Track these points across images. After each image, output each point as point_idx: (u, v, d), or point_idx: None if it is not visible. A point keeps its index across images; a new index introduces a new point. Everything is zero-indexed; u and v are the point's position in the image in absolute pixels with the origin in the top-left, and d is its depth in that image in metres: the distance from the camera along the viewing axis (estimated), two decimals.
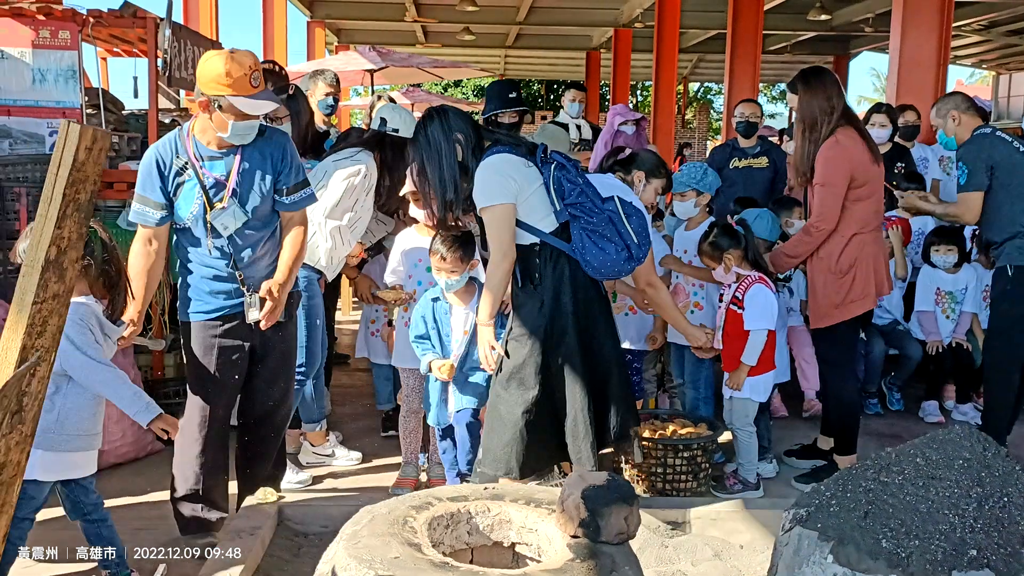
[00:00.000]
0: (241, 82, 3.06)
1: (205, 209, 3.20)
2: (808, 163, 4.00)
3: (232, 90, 3.05)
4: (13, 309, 1.33)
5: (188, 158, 3.20)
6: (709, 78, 30.70)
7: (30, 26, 4.77)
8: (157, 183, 3.18)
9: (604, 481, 2.17)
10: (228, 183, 3.22)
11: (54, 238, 1.30)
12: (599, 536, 2.12)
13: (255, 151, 3.27)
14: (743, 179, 6.31)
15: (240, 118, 3.11)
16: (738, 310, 4.10)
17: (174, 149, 3.21)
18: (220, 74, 3.05)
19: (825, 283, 4.02)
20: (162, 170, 3.19)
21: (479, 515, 2.37)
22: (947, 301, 5.33)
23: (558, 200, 3.12)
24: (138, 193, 3.20)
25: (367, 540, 2.12)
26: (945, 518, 2.04)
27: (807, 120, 4.00)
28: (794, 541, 2.23)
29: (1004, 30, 17.48)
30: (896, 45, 7.99)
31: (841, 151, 3.93)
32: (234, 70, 3.05)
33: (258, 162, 3.28)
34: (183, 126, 3.28)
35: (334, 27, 19.75)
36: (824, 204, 3.94)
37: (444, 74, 12.46)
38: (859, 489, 2.21)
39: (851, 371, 4.23)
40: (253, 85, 3.09)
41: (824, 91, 3.98)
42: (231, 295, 3.30)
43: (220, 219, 3.21)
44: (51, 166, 1.30)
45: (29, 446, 1.34)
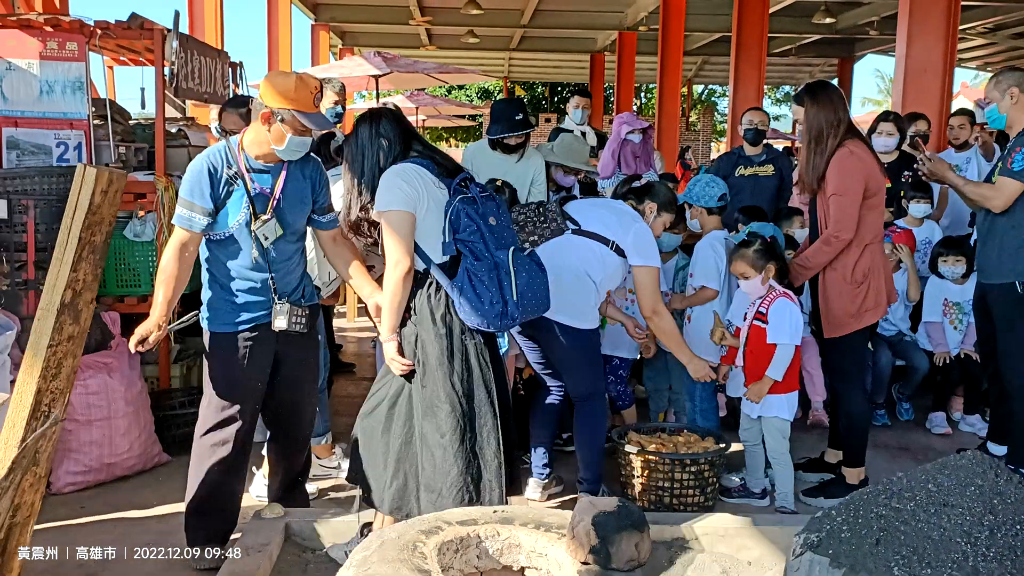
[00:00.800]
0: (305, 99, 3.25)
1: (250, 219, 3.33)
2: (815, 174, 4.00)
3: (296, 105, 3.23)
4: (28, 353, 1.33)
5: (239, 169, 3.34)
6: (713, 80, 30.69)
7: (38, 38, 4.77)
8: (207, 190, 3.29)
9: (615, 507, 2.17)
10: (273, 196, 3.38)
11: (70, 281, 1.30)
12: (610, 563, 2.12)
13: (296, 170, 3.45)
14: (749, 187, 6.28)
15: (298, 133, 3.27)
16: (762, 324, 4.08)
17: (225, 159, 3.35)
18: (289, 89, 3.24)
19: (840, 293, 4.01)
20: (213, 177, 3.31)
21: (488, 539, 2.37)
22: (955, 312, 5.31)
23: (449, 232, 3.07)
24: (185, 199, 3.29)
25: (377, 567, 2.12)
26: (958, 546, 2.03)
27: (813, 132, 4.00)
28: (805, 567, 2.23)
29: (1009, 33, 17.46)
30: (902, 49, 7.99)
31: (856, 161, 3.94)
32: (301, 87, 3.25)
33: (299, 181, 3.45)
34: (231, 140, 3.43)
35: (338, 30, 19.78)
36: (843, 214, 3.92)
37: (448, 79, 12.46)
38: (871, 515, 2.20)
39: (861, 382, 4.22)
40: (315, 104, 3.30)
41: (831, 104, 3.99)
42: (262, 306, 3.41)
43: (263, 229, 3.34)
44: (67, 209, 1.30)
45: (43, 488, 1.34)
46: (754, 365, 4.12)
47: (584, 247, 3.91)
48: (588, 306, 3.92)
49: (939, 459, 2.30)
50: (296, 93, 3.24)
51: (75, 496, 4.10)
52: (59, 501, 4.01)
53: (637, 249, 3.92)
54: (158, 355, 4.83)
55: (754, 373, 4.11)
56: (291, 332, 3.41)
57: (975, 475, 2.16)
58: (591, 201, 4.23)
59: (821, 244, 4.02)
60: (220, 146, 3.40)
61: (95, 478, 4.19)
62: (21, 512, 1.28)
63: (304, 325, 3.46)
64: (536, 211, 4.01)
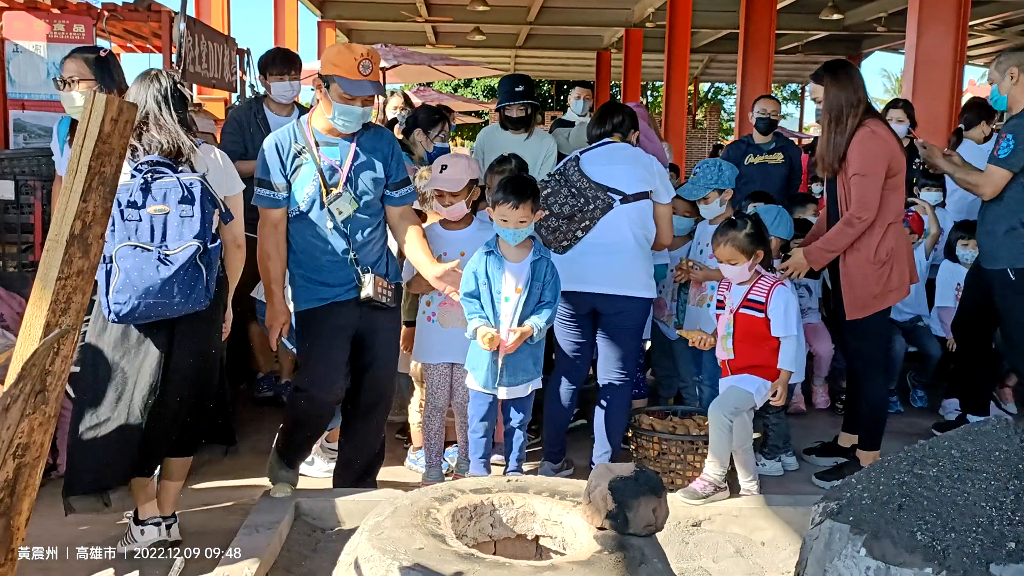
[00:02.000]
0: (347, 64, 3.22)
1: (321, 192, 3.35)
2: (835, 154, 3.94)
3: (340, 70, 3.22)
4: (37, 285, 1.30)
5: (306, 143, 3.36)
6: (720, 78, 30.61)
7: (45, 20, 4.77)
8: (277, 165, 3.35)
9: (632, 472, 2.13)
10: (343, 170, 3.38)
11: (79, 212, 1.26)
12: (627, 528, 2.08)
13: (367, 143, 3.44)
14: (759, 175, 6.25)
15: (343, 100, 3.26)
16: (755, 314, 3.88)
17: (292, 135, 3.38)
18: (333, 54, 3.28)
19: (865, 274, 3.95)
20: (280, 154, 3.36)
21: (503, 507, 2.33)
22: None
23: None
24: (260, 178, 3.35)
25: (390, 531, 2.08)
26: (983, 511, 1.99)
27: (833, 112, 3.94)
28: (825, 535, 2.19)
29: (1018, 29, 17.37)
30: (912, 43, 7.93)
31: (879, 141, 3.89)
32: (344, 52, 3.26)
33: (370, 154, 3.44)
34: (302, 117, 3.46)
35: (344, 27, 19.76)
36: (865, 194, 3.86)
37: (456, 72, 12.44)
38: (892, 482, 2.16)
39: (881, 366, 4.16)
40: (361, 72, 3.24)
41: (851, 83, 3.94)
42: (342, 280, 3.42)
43: (336, 203, 3.36)
44: (76, 137, 1.27)
45: (52, 427, 1.30)
46: (747, 354, 3.85)
47: (632, 213, 3.95)
48: (650, 271, 4.03)
49: (962, 426, 2.26)
50: (338, 57, 3.25)
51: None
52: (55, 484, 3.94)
53: (664, 188, 4.07)
54: None
55: (744, 362, 3.85)
56: (376, 303, 3.42)
57: (1000, 440, 2.12)
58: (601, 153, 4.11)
59: (843, 226, 3.94)
60: (288, 124, 3.45)
61: None
62: (30, 452, 1.25)
63: (391, 299, 3.48)
64: (572, 194, 3.96)
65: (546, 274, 3.62)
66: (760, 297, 3.84)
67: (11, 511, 1.23)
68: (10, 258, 4.41)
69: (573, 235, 3.94)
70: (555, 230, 3.95)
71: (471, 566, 1.93)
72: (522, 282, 3.56)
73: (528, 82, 5.25)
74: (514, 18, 17.87)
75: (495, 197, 3.57)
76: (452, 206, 3.87)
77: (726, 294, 3.95)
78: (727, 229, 3.87)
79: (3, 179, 4.32)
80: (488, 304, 3.58)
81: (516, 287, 3.56)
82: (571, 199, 3.94)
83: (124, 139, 1.28)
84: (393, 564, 1.96)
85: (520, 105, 5.10)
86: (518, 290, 3.56)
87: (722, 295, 3.96)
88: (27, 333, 1.27)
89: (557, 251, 3.94)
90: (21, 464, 1.23)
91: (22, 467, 1.24)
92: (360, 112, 3.33)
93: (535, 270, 3.58)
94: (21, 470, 1.23)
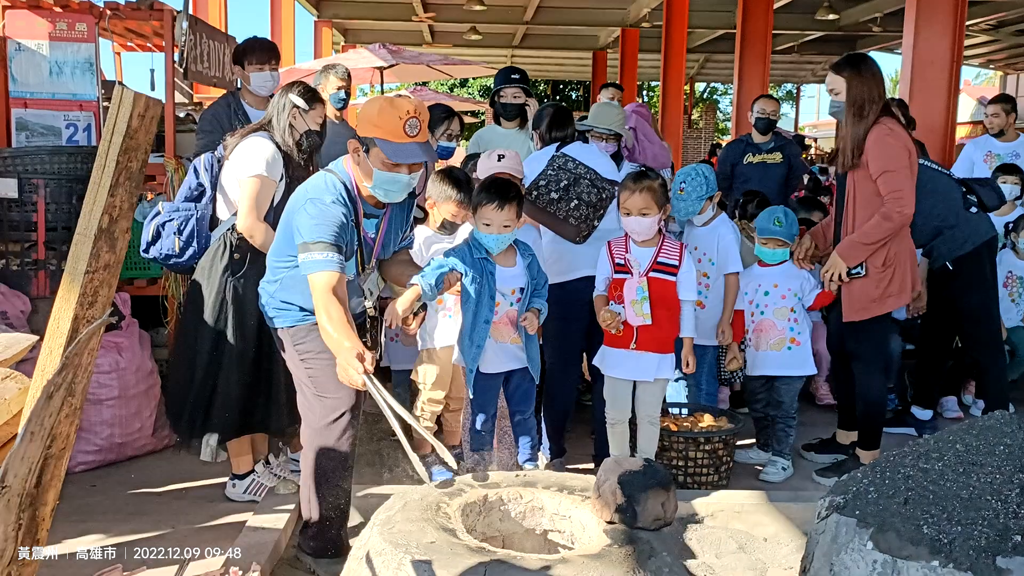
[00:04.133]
0: (392, 125, 2.79)
1: (358, 269, 3.04)
2: (857, 146, 3.90)
3: (382, 132, 2.80)
4: (65, 279, 1.32)
5: (357, 214, 2.97)
6: (716, 78, 30.68)
7: (47, 18, 4.76)
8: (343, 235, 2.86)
9: (641, 467, 2.15)
10: (376, 245, 3.09)
11: (107, 206, 1.28)
12: (636, 522, 2.10)
13: (396, 207, 3.12)
14: (757, 175, 6.28)
15: (387, 168, 2.85)
16: (667, 277, 3.70)
17: (349, 202, 2.92)
18: (374, 112, 2.84)
19: (864, 277, 3.95)
20: (347, 224, 2.89)
21: (511, 502, 2.35)
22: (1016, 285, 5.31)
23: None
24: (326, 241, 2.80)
25: (401, 525, 2.10)
26: (988, 504, 2.01)
27: (856, 104, 3.90)
28: (831, 528, 2.21)
29: (1013, 29, 17.44)
30: (909, 44, 7.96)
31: (899, 137, 3.88)
32: (387, 109, 2.81)
33: (398, 217, 3.17)
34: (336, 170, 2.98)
35: (341, 27, 19.77)
36: (900, 189, 3.82)
37: (453, 72, 12.45)
38: (898, 476, 2.18)
39: (880, 368, 4.17)
40: (408, 133, 2.81)
41: (873, 78, 3.93)
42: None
43: (367, 283, 3.12)
44: (104, 132, 1.28)
45: (78, 419, 1.32)
46: (663, 320, 3.68)
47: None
48: None
49: (966, 420, 2.28)
50: (380, 117, 2.79)
51: (87, 475, 4.09)
52: (70, 480, 3.97)
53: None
54: (167, 337, 4.81)
55: (660, 330, 3.69)
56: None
57: (1004, 435, 2.14)
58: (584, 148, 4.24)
59: (881, 220, 3.85)
60: (340, 187, 2.92)
61: (106, 457, 4.17)
62: (57, 443, 1.27)
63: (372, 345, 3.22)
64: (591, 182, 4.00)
65: (537, 269, 3.64)
66: (672, 260, 3.72)
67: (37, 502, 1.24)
68: (13, 256, 4.41)
69: (591, 224, 4.01)
70: (584, 219, 3.99)
71: (482, 559, 1.95)
72: (520, 283, 3.58)
73: (523, 73, 5.30)
74: (510, 18, 17.88)
75: (476, 199, 3.48)
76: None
77: (627, 257, 3.71)
78: (640, 178, 3.67)
79: (6, 177, 4.31)
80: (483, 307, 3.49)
81: (512, 288, 3.57)
82: (591, 189, 4.01)
83: (149, 135, 1.29)
84: (405, 557, 1.97)
85: (515, 90, 5.12)
86: (513, 291, 3.58)
87: (622, 259, 3.72)
88: (55, 326, 1.29)
89: (578, 242, 3.98)
90: (48, 455, 1.24)
91: (49, 458, 1.25)
92: (407, 180, 2.89)
93: (531, 271, 3.60)
94: (48, 461, 1.25)
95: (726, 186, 6.46)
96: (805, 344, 4.28)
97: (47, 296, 4.32)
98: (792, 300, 4.26)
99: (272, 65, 4.35)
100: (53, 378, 1.21)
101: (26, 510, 1.23)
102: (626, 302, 3.66)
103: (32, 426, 1.17)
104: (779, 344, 4.27)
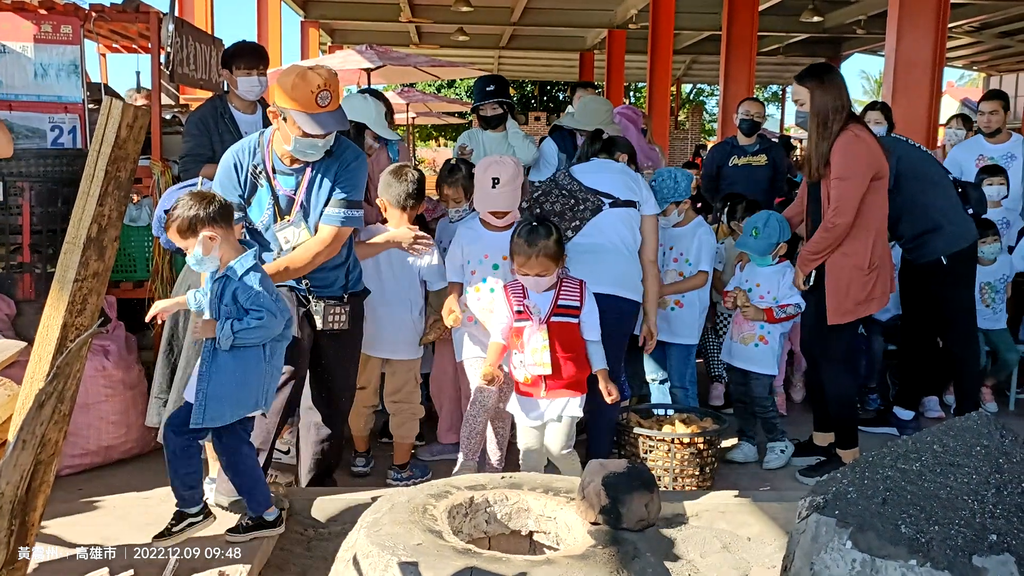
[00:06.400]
0: (304, 97, 3.00)
1: (274, 219, 3.26)
2: (821, 158, 3.95)
3: (296, 105, 3.01)
4: (55, 287, 1.33)
5: (264, 167, 3.24)
6: (702, 79, 30.82)
7: (32, 20, 4.75)
8: (234, 183, 3.24)
9: (624, 468, 2.18)
10: (296, 197, 3.26)
11: (95, 216, 1.30)
12: (620, 523, 2.13)
13: (324, 167, 3.28)
14: (743, 177, 6.32)
15: (302, 135, 3.08)
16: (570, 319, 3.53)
17: (251, 152, 3.24)
18: (287, 87, 3.03)
19: (851, 280, 3.98)
20: (238, 173, 3.24)
21: (497, 504, 2.37)
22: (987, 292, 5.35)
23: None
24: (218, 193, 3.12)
25: (388, 528, 2.12)
26: (965, 504, 2.05)
27: (820, 115, 3.94)
28: (811, 528, 2.24)
29: (996, 31, 17.60)
30: (892, 46, 8.03)
31: (863, 145, 3.90)
32: (300, 84, 3.01)
33: (325, 178, 3.30)
34: (265, 132, 3.29)
35: (328, 28, 19.76)
36: (843, 198, 3.87)
37: (441, 73, 12.46)
38: (877, 476, 2.22)
39: (848, 366, 4.27)
40: (320, 104, 3.02)
41: (837, 88, 3.96)
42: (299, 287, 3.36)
43: (284, 232, 3.26)
44: (93, 143, 1.30)
45: (67, 425, 1.34)
46: (568, 365, 3.50)
47: (617, 218, 3.98)
48: (637, 275, 4.00)
49: (944, 422, 2.32)
50: (294, 90, 3.01)
51: (73, 479, 4.08)
52: (57, 484, 3.91)
53: (650, 201, 4.09)
54: (154, 340, 4.80)
55: (565, 375, 3.50)
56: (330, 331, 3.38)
57: (981, 436, 2.18)
58: (591, 165, 4.22)
59: (821, 231, 3.95)
60: (251, 139, 3.28)
61: (92, 461, 4.17)
62: (46, 450, 1.28)
63: (344, 322, 3.41)
64: (563, 194, 4.02)
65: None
66: (573, 301, 3.55)
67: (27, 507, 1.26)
68: None
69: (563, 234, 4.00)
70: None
71: (469, 560, 1.97)
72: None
73: (500, 81, 5.34)
74: (497, 19, 17.92)
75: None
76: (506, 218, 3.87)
77: (525, 303, 3.51)
78: (533, 239, 3.46)
79: None
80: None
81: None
82: (562, 199, 4.00)
83: (138, 144, 1.31)
84: (392, 560, 1.99)
85: (493, 104, 5.17)
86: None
87: (521, 305, 3.52)
88: (45, 333, 1.30)
89: None
90: (38, 460, 1.26)
91: (39, 463, 1.27)
92: (322, 144, 3.16)
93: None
94: (38, 467, 1.26)
95: (712, 188, 6.51)
96: (772, 344, 4.38)
97: (32, 299, 4.32)
98: (770, 302, 4.33)
99: (260, 70, 4.39)
100: (44, 387, 1.22)
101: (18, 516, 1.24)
102: (526, 351, 3.47)
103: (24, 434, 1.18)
104: (749, 339, 4.38)
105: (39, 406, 1.20)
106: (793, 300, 4.25)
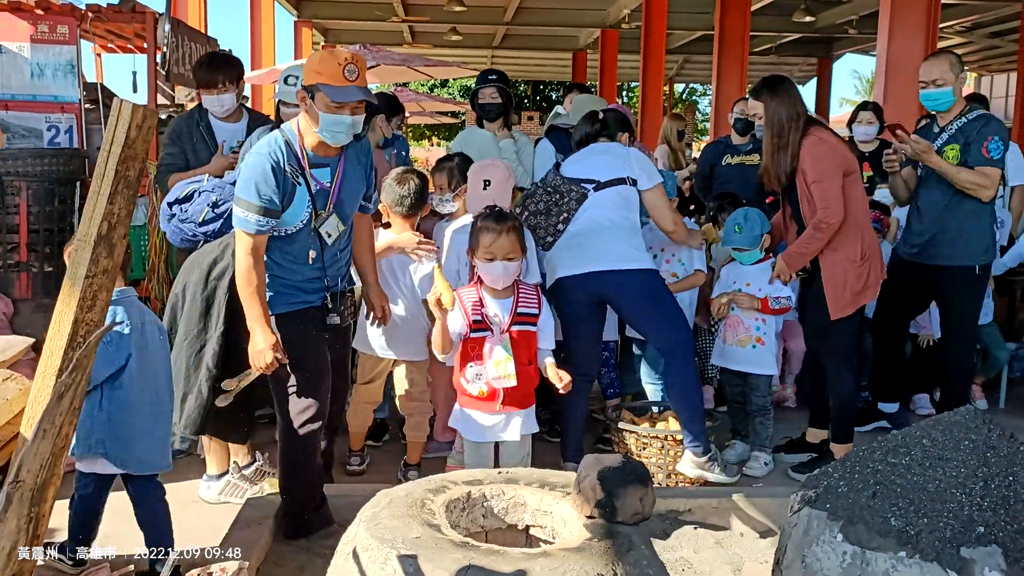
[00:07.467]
0: (333, 71, 3.04)
1: (311, 217, 3.20)
2: (780, 168, 4.07)
3: (323, 77, 3.04)
4: (66, 284, 1.36)
5: (299, 165, 3.17)
6: (695, 79, 30.86)
7: (28, 21, 4.78)
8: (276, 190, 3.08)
9: (619, 463, 2.22)
10: (332, 190, 3.24)
11: (106, 214, 1.33)
12: (615, 517, 2.16)
13: (352, 157, 3.31)
14: (736, 176, 6.35)
15: (329, 110, 3.07)
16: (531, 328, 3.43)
17: (283, 152, 3.13)
18: (316, 61, 3.09)
19: (846, 273, 4.05)
20: (277, 174, 3.09)
21: (494, 498, 2.41)
22: None
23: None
24: (248, 200, 3.05)
25: (387, 521, 2.16)
26: (953, 497, 2.09)
27: (775, 127, 4.06)
28: (803, 521, 2.28)
29: (987, 32, 17.69)
30: (883, 46, 8.08)
31: (828, 146, 4.02)
32: (327, 58, 3.07)
33: (355, 168, 3.33)
34: (283, 128, 3.22)
35: (321, 27, 19.75)
36: (828, 199, 3.96)
37: (434, 73, 12.49)
38: (867, 471, 2.26)
39: (851, 362, 4.30)
40: (347, 77, 3.05)
41: (789, 98, 4.08)
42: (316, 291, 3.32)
43: (325, 227, 3.23)
44: (104, 143, 1.33)
45: (76, 419, 1.37)
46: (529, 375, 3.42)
47: (608, 197, 4.00)
48: (640, 247, 4.01)
49: (933, 416, 2.36)
50: (321, 64, 3.05)
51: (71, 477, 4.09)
52: None
53: (644, 173, 4.08)
54: None
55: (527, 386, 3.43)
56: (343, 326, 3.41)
57: (968, 430, 2.22)
58: (579, 154, 4.26)
59: (813, 231, 4.03)
60: (279, 140, 3.16)
61: None
62: (57, 442, 1.32)
63: (353, 312, 3.47)
64: (546, 192, 4.06)
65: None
66: (532, 308, 3.45)
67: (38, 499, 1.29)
68: None
69: (554, 229, 4.03)
70: (535, 227, 4.05)
71: (467, 553, 2.00)
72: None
73: (502, 75, 5.35)
74: (490, 18, 17.93)
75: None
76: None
77: (484, 312, 3.37)
78: (502, 218, 3.38)
79: None
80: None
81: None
82: (545, 196, 4.05)
83: (147, 144, 1.35)
84: (392, 552, 2.03)
85: (491, 89, 5.14)
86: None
87: (479, 315, 3.37)
88: (56, 329, 1.33)
89: (543, 247, 4.04)
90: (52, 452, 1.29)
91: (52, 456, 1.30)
92: (350, 122, 3.11)
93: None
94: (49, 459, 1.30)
95: (705, 187, 6.55)
96: (769, 344, 4.40)
97: (30, 298, 4.34)
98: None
99: (221, 88, 4.27)
100: (64, 379, 1.25)
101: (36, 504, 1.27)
102: (487, 364, 3.33)
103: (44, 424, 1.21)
104: (745, 341, 4.40)
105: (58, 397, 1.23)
106: (784, 293, 4.29)
